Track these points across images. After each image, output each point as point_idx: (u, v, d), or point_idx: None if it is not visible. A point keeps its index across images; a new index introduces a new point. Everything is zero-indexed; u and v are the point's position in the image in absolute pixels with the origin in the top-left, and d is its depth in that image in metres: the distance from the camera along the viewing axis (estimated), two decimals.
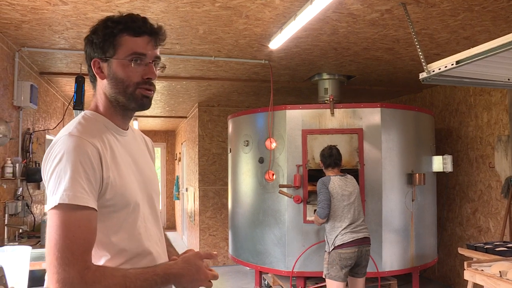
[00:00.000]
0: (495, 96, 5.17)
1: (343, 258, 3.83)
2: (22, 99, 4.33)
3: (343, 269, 3.83)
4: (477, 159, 5.45)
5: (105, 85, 1.38)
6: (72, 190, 1.18)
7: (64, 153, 1.22)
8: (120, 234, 1.31)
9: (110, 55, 1.34)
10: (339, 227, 3.90)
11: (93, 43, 1.36)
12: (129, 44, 1.34)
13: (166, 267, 1.30)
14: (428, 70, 2.96)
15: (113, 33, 1.33)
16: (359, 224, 3.95)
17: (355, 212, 3.95)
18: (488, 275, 2.76)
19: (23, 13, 3.43)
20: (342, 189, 3.98)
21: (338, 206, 3.95)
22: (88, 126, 1.33)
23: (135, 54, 1.34)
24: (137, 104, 1.38)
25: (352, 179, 4.12)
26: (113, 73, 1.35)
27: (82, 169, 1.21)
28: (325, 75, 5.50)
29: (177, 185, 10.98)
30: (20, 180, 4.39)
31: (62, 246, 1.15)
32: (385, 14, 3.49)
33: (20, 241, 4.01)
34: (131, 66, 1.34)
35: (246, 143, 5.48)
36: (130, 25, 1.34)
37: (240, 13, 3.45)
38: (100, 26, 1.36)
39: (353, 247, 3.84)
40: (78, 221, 1.18)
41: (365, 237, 3.93)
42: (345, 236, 3.85)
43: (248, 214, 5.48)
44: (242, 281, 6.35)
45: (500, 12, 3.44)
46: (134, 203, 1.34)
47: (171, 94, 6.79)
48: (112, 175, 1.29)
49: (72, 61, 4.88)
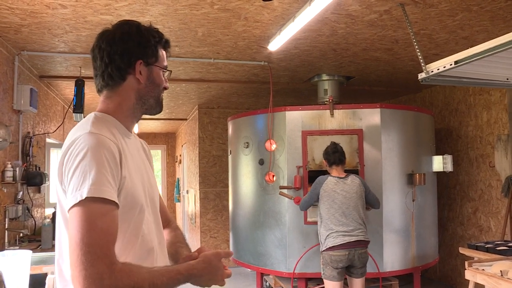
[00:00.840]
0: (495, 95, 5.17)
1: (333, 260, 3.84)
2: (22, 103, 4.33)
3: (336, 269, 3.85)
4: (477, 159, 5.45)
5: (140, 87, 1.44)
6: (99, 184, 1.18)
7: (88, 149, 1.21)
8: (128, 235, 1.32)
9: (153, 61, 1.45)
10: (329, 229, 3.91)
11: (141, 46, 1.43)
12: (162, 56, 1.50)
13: (189, 267, 1.32)
14: (427, 71, 2.96)
15: (157, 42, 1.46)
16: (354, 227, 3.88)
17: (349, 215, 3.90)
18: (489, 274, 2.76)
19: (23, 17, 3.43)
20: (335, 192, 3.95)
21: (329, 208, 3.94)
22: (104, 125, 1.35)
23: (166, 66, 1.51)
24: (160, 108, 1.52)
25: (353, 181, 4.03)
26: (153, 78, 1.46)
27: (107, 163, 1.22)
28: (324, 76, 5.50)
29: (178, 187, 10.98)
30: (20, 184, 4.39)
31: (90, 241, 1.12)
32: (383, 15, 3.50)
33: (20, 245, 4.01)
34: (162, 75, 1.50)
35: (246, 145, 5.49)
36: (167, 41, 1.51)
37: (238, 15, 3.46)
38: (146, 33, 1.45)
39: (344, 249, 3.82)
40: (104, 215, 1.17)
41: (360, 240, 3.87)
42: (337, 239, 3.85)
43: (249, 215, 5.48)
44: (243, 283, 6.34)
45: (498, 12, 3.45)
46: (141, 205, 1.36)
47: (171, 97, 6.80)
48: (127, 175, 1.31)
49: (71, 65, 4.89)
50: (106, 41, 1.40)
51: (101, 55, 1.41)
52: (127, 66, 1.40)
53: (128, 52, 1.40)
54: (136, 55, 1.41)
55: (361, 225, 3.94)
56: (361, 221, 3.96)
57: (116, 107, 1.42)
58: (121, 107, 1.43)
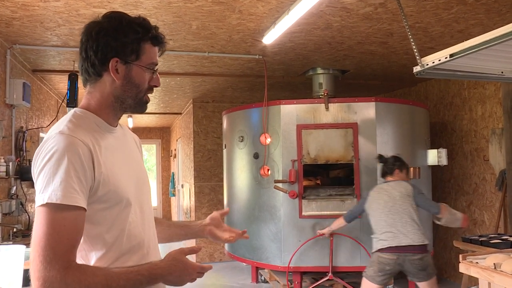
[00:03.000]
0: (489, 89, 5.18)
1: (381, 262, 3.72)
2: (15, 97, 4.30)
3: (380, 271, 3.71)
4: (472, 152, 5.47)
5: (116, 86, 1.36)
6: (61, 189, 1.18)
7: (55, 152, 1.21)
8: (113, 231, 1.32)
9: (132, 59, 1.35)
10: (378, 231, 3.82)
11: (118, 42, 1.33)
12: (150, 53, 1.38)
13: (151, 266, 1.30)
14: (422, 64, 2.95)
15: (140, 38, 1.35)
16: (402, 231, 3.69)
17: (395, 220, 3.73)
18: (483, 267, 2.77)
19: (14, 9, 3.39)
20: (378, 197, 3.90)
21: (375, 213, 3.89)
22: (79, 124, 1.32)
23: (153, 63, 1.39)
24: (142, 108, 1.43)
25: (397, 185, 3.88)
26: (131, 77, 1.36)
27: (72, 168, 1.21)
28: (319, 69, 5.49)
29: (173, 182, 10.96)
30: (14, 178, 4.36)
31: (45, 245, 1.15)
32: (378, 8, 3.48)
33: (14, 240, 3.98)
34: (146, 74, 1.38)
35: (241, 138, 5.47)
36: (155, 35, 1.38)
37: (233, 8, 3.43)
38: (126, 28, 1.34)
39: (392, 253, 3.68)
40: (64, 220, 1.18)
41: (410, 245, 3.65)
42: (385, 242, 3.74)
43: (244, 209, 5.47)
44: (238, 277, 6.35)
45: (493, 5, 3.44)
46: (126, 199, 1.34)
47: (165, 91, 6.77)
48: (105, 172, 1.29)
49: (65, 58, 4.84)
50: (85, 35, 1.36)
51: (80, 49, 1.38)
52: (101, 63, 1.34)
53: (103, 48, 1.32)
54: (111, 52, 1.33)
55: (412, 228, 3.72)
56: (410, 224, 3.73)
57: (96, 104, 1.39)
58: (100, 104, 1.38)
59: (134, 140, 1.60)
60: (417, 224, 3.73)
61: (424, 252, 3.68)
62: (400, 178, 3.96)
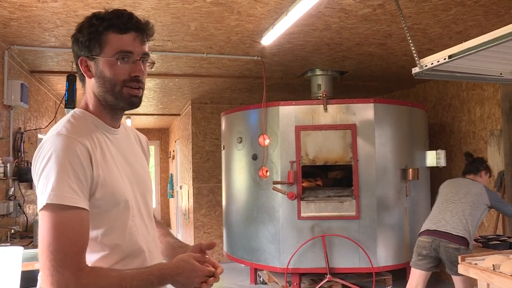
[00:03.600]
0: (488, 90, 5.18)
1: (419, 246, 3.89)
2: (13, 98, 4.28)
3: (418, 256, 3.88)
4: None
5: (93, 84, 1.36)
6: (59, 190, 1.17)
7: (53, 153, 1.20)
8: (112, 234, 1.30)
9: (97, 53, 1.31)
10: (428, 217, 4.03)
11: (79, 42, 1.34)
12: (115, 42, 1.31)
13: (161, 266, 1.29)
14: (421, 65, 2.95)
15: (98, 31, 1.30)
16: (443, 218, 3.80)
17: (447, 208, 3.84)
18: (482, 268, 2.77)
19: (11, 10, 3.38)
20: (447, 189, 4.06)
21: (437, 201, 4.06)
22: (77, 125, 1.31)
23: (122, 52, 1.31)
24: (125, 103, 1.35)
25: (472, 184, 3.95)
26: (100, 71, 1.33)
27: (71, 168, 1.20)
28: (318, 71, 5.48)
29: (171, 183, 10.94)
30: (12, 180, 4.34)
31: (54, 248, 1.14)
32: (377, 9, 3.48)
33: (12, 242, 3.97)
34: (118, 65, 1.31)
35: (239, 140, 5.47)
36: (116, 22, 1.30)
37: (231, 9, 3.43)
38: (86, 24, 1.34)
39: (426, 236, 3.83)
40: (69, 221, 1.17)
41: (445, 231, 3.73)
42: (425, 225, 3.93)
43: (242, 211, 5.47)
44: (237, 278, 6.34)
45: (491, 7, 3.44)
46: (124, 202, 1.33)
47: (163, 92, 6.76)
48: (102, 174, 1.28)
49: (63, 59, 4.83)
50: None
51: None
52: (78, 65, 1.36)
53: (74, 51, 1.37)
54: (78, 52, 1.35)
55: (457, 220, 3.75)
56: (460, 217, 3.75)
57: (89, 105, 1.39)
58: (93, 104, 1.39)
59: (139, 141, 1.58)
60: (465, 219, 3.75)
61: (462, 244, 3.68)
62: (481, 181, 4.05)
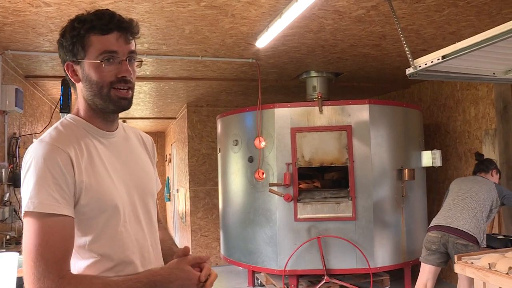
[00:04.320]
0: (482, 90, 5.21)
1: (427, 241, 3.94)
2: (7, 103, 4.27)
3: (427, 250, 3.93)
4: (466, 153, 5.49)
5: (81, 88, 1.35)
6: (38, 197, 1.16)
7: (33, 160, 1.21)
8: (100, 241, 1.27)
9: (81, 57, 1.30)
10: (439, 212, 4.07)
11: (64, 46, 1.33)
12: (98, 43, 1.28)
13: (151, 273, 1.24)
14: (415, 66, 2.96)
15: (80, 34, 1.28)
16: (453, 215, 3.85)
17: (458, 205, 3.89)
18: (478, 267, 2.78)
19: (5, 15, 3.37)
20: (458, 186, 4.10)
21: (447, 198, 4.10)
22: (63, 132, 1.30)
23: (105, 52, 1.28)
24: (115, 106, 1.33)
25: (476, 179, 4.05)
26: (87, 75, 1.31)
27: (50, 175, 1.18)
28: (313, 72, 5.49)
29: (168, 186, 10.93)
30: (7, 185, 4.33)
31: (35, 256, 1.12)
32: (371, 11, 3.50)
33: (7, 248, 3.95)
34: (103, 66, 1.29)
35: (235, 142, 5.47)
36: (97, 24, 1.28)
37: (225, 12, 3.44)
38: (68, 28, 1.32)
39: (436, 231, 3.88)
40: (50, 228, 1.15)
41: (454, 227, 3.77)
42: (434, 221, 3.98)
43: (239, 213, 5.46)
44: (235, 281, 6.33)
45: (484, 7, 3.46)
46: (112, 208, 1.29)
47: (159, 95, 6.75)
48: (87, 179, 1.25)
49: (57, 64, 4.82)
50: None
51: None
52: (66, 71, 1.35)
53: (60, 56, 1.36)
54: (63, 57, 1.34)
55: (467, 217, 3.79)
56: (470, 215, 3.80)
57: (80, 110, 1.38)
58: (82, 109, 1.38)
59: (143, 142, 1.56)
60: (475, 217, 3.79)
61: (470, 241, 3.71)
62: (493, 179, 4.10)
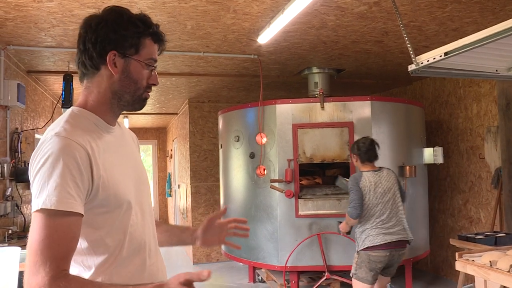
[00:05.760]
0: (484, 87, 5.19)
1: (372, 261, 3.52)
2: (9, 99, 4.27)
3: (371, 271, 3.53)
4: (467, 151, 5.48)
5: (114, 80, 1.33)
6: (56, 194, 1.15)
7: (50, 155, 1.17)
8: (115, 234, 1.29)
9: (131, 53, 1.33)
10: (369, 227, 3.56)
11: (117, 34, 1.30)
12: (150, 48, 1.36)
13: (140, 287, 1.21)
14: (417, 62, 2.95)
15: (140, 33, 1.33)
16: (394, 224, 3.56)
17: (390, 211, 3.58)
18: (479, 265, 2.78)
19: (7, 10, 3.37)
20: (376, 185, 3.63)
21: (369, 204, 3.60)
22: (76, 125, 1.28)
23: (152, 59, 1.37)
24: (140, 106, 1.40)
25: (388, 174, 3.74)
26: (129, 72, 1.33)
27: (68, 172, 1.17)
28: (314, 69, 5.49)
29: (169, 182, 10.94)
30: (9, 180, 4.34)
31: (36, 250, 1.13)
32: (373, 7, 3.49)
33: (10, 242, 3.96)
34: (144, 70, 1.36)
35: (236, 138, 5.47)
36: (156, 31, 1.37)
37: (227, 7, 3.43)
38: (126, 21, 1.32)
39: (384, 250, 3.50)
40: (58, 226, 1.15)
41: (400, 240, 3.55)
42: (377, 238, 3.51)
43: (240, 209, 5.47)
44: (236, 276, 6.35)
45: (487, 4, 3.45)
46: (127, 202, 1.31)
47: (161, 91, 6.75)
48: (104, 175, 1.25)
49: (59, 59, 4.82)
50: (84, 28, 1.33)
51: (78, 42, 1.35)
52: (99, 55, 1.31)
53: (102, 40, 1.30)
54: (110, 44, 1.30)
55: (401, 222, 3.63)
56: (402, 217, 3.64)
57: (94, 100, 1.35)
58: (98, 100, 1.35)
59: (132, 138, 1.57)
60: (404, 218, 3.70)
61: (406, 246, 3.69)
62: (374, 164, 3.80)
